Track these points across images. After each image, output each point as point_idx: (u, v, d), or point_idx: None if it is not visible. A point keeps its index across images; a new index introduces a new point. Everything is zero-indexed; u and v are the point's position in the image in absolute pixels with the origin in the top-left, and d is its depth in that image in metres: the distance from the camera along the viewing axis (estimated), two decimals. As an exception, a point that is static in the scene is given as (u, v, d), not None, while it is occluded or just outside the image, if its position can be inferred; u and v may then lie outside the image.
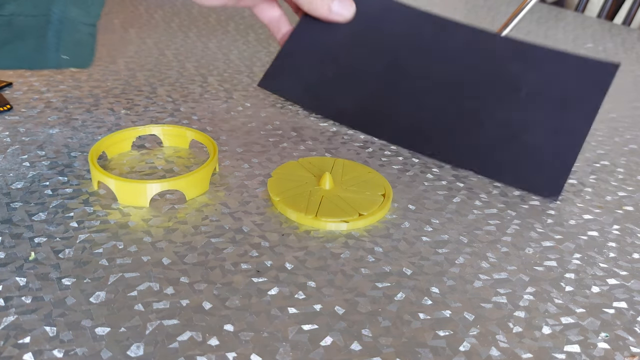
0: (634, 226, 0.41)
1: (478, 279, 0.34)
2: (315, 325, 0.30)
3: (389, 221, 0.39)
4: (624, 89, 0.69)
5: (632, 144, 0.54)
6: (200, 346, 0.28)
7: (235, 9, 0.88)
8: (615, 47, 0.86)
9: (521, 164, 0.43)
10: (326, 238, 0.37)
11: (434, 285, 0.34)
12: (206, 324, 0.30)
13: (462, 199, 0.43)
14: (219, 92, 0.58)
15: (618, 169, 0.49)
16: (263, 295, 0.32)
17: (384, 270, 0.34)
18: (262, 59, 0.68)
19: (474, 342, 0.30)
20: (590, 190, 0.45)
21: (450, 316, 0.31)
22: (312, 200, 0.39)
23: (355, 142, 0.50)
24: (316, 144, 0.49)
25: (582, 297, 0.34)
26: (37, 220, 0.36)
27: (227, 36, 0.75)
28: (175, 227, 0.37)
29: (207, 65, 0.64)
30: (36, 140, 0.46)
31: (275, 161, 0.45)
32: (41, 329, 0.28)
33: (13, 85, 0.55)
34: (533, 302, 0.33)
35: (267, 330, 0.29)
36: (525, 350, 0.30)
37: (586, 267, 0.36)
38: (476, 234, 0.39)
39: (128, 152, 0.45)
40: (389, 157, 0.48)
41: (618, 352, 0.30)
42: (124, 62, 0.63)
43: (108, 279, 0.32)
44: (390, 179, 0.44)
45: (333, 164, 0.44)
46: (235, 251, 0.35)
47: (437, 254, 0.36)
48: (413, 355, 0.29)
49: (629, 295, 0.34)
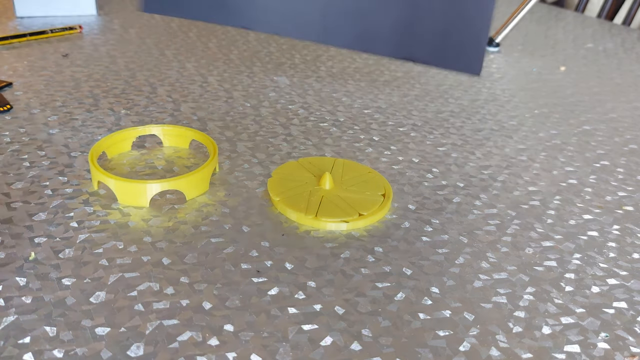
0: (634, 226, 0.41)
1: (478, 279, 0.34)
2: (315, 325, 0.30)
3: (389, 221, 0.39)
4: (624, 89, 0.69)
5: (632, 144, 0.54)
6: (200, 346, 0.28)
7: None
8: (615, 47, 0.86)
9: (437, 44, 0.43)
10: (326, 238, 0.37)
11: (434, 285, 0.34)
12: (206, 324, 0.29)
13: (462, 199, 0.43)
14: (219, 92, 0.58)
15: (618, 169, 0.49)
16: (263, 295, 0.32)
17: (384, 270, 0.34)
18: (262, 59, 0.68)
19: (474, 342, 0.30)
20: (590, 190, 0.45)
21: (450, 316, 0.31)
22: (312, 200, 0.39)
23: (355, 142, 0.50)
24: (316, 143, 0.49)
25: (582, 297, 0.34)
26: (37, 220, 0.36)
27: (227, 36, 0.75)
28: (175, 227, 0.37)
29: (207, 65, 0.64)
30: (36, 140, 0.46)
31: (275, 161, 0.45)
32: (41, 329, 0.28)
33: (13, 85, 0.55)
34: (533, 302, 0.33)
35: (267, 330, 0.29)
36: (525, 350, 0.30)
37: (586, 267, 0.36)
38: (476, 234, 0.39)
39: (128, 152, 0.45)
40: (389, 157, 0.48)
41: (618, 352, 0.30)
42: (124, 62, 0.63)
43: (108, 279, 0.32)
44: (390, 179, 0.44)
45: (333, 164, 0.44)
46: (235, 251, 0.35)
47: (437, 254, 0.36)
48: (413, 355, 0.29)
49: (629, 295, 0.34)
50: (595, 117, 0.61)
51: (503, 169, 0.48)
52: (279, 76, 0.64)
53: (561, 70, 0.75)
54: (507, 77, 0.71)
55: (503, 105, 0.62)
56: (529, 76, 0.72)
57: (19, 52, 0.63)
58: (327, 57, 0.72)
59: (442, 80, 0.68)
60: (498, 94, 0.65)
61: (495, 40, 0.82)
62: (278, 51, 0.72)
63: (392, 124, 0.54)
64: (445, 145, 0.51)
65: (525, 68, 0.75)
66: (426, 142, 0.51)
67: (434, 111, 0.58)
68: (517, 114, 0.60)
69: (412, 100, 0.61)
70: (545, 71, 0.75)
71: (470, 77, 0.70)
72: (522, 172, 0.47)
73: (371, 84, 0.64)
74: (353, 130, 0.52)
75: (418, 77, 0.68)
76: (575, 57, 0.82)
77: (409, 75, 0.68)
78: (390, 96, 0.61)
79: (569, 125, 0.58)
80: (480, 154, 0.50)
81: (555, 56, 0.81)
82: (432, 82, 0.67)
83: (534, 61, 0.79)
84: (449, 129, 0.54)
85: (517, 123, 0.57)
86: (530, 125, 0.57)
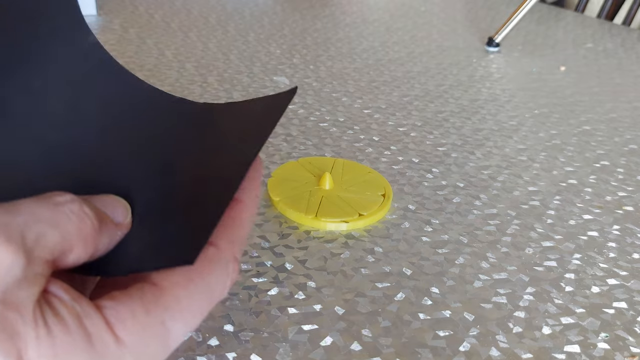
0: (634, 226, 0.41)
1: (478, 279, 0.34)
2: (315, 325, 0.30)
3: (389, 221, 0.39)
4: (624, 89, 0.69)
5: (632, 144, 0.54)
6: (200, 346, 0.28)
7: (235, 9, 0.88)
8: (615, 47, 0.86)
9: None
10: (326, 238, 0.37)
11: (434, 286, 0.34)
12: (206, 324, 0.29)
13: (462, 199, 0.43)
14: (219, 92, 0.58)
15: (618, 169, 0.49)
16: (263, 295, 0.32)
17: (384, 270, 0.34)
18: (261, 59, 0.68)
19: (474, 342, 0.30)
20: (590, 190, 0.45)
21: (450, 316, 0.31)
22: (312, 201, 0.39)
23: (355, 142, 0.50)
24: (316, 143, 0.49)
25: (582, 297, 0.34)
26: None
27: (227, 36, 0.75)
28: (175, 227, 0.37)
29: (207, 65, 0.64)
30: (36, 140, 0.45)
31: (275, 161, 0.45)
32: (41, 329, 0.28)
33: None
34: (533, 302, 0.33)
35: (267, 330, 0.29)
36: (525, 350, 0.30)
37: (586, 267, 0.36)
38: (476, 234, 0.39)
39: (128, 152, 0.45)
40: (389, 157, 0.48)
41: (618, 352, 0.30)
42: (124, 62, 0.63)
43: (108, 279, 0.32)
44: (390, 179, 0.44)
45: (333, 164, 0.44)
46: (235, 251, 0.35)
47: (437, 254, 0.36)
48: (413, 355, 0.29)
49: (629, 295, 0.34)
50: (595, 117, 0.61)
51: (503, 169, 0.48)
52: (279, 76, 0.64)
53: (561, 70, 0.75)
54: (507, 77, 0.71)
55: (503, 105, 0.62)
56: (529, 76, 0.72)
57: (19, 52, 0.63)
58: (327, 57, 0.72)
59: (442, 80, 0.68)
60: (498, 94, 0.65)
61: (495, 40, 0.82)
62: (278, 51, 0.72)
63: (392, 124, 0.54)
64: (445, 145, 0.51)
65: (525, 68, 0.75)
66: (426, 142, 0.51)
67: (433, 111, 0.58)
68: (517, 114, 0.60)
69: (412, 100, 0.61)
70: (545, 71, 0.75)
71: (470, 77, 0.70)
72: (522, 172, 0.47)
73: (371, 84, 0.64)
74: (353, 130, 0.52)
75: (418, 77, 0.68)
76: (575, 57, 0.82)
77: (408, 75, 0.68)
78: (390, 96, 0.61)
79: (569, 125, 0.58)
80: (480, 154, 0.50)
81: (555, 56, 0.81)
82: (432, 82, 0.67)
83: (534, 61, 0.79)
84: (448, 129, 0.54)
85: (517, 123, 0.57)
86: (530, 125, 0.57)
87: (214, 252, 0.19)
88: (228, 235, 0.20)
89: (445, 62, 0.75)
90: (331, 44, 0.77)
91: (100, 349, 0.16)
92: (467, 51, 0.80)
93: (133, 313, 0.17)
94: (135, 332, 0.17)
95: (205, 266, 0.19)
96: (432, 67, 0.72)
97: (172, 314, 0.18)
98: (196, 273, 0.19)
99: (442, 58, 0.76)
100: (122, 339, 0.17)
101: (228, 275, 0.20)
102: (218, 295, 0.19)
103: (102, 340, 0.16)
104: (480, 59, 0.77)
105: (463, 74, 0.71)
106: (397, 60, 0.73)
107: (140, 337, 0.17)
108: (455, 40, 0.85)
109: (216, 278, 0.19)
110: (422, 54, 0.77)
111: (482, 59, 0.77)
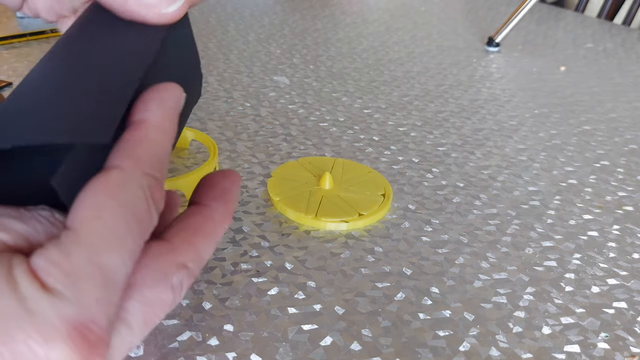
0: (634, 226, 0.41)
1: (478, 279, 0.34)
2: (315, 325, 0.30)
3: (389, 221, 0.39)
4: (624, 89, 0.69)
5: (632, 144, 0.54)
6: (200, 346, 0.28)
7: (235, 9, 0.88)
8: (615, 47, 0.86)
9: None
10: (326, 238, 0.37)
11: (434, 285, 0.34)
12: (206, 324, 0.29)
13: (462, 198, 0.43)
14: (219, 92, 0.58)
15: (618, 169, 0.49)
16: (263, 295, 0.32)
17: (384, 270, 0.34)
18: (261, 59, 0.68)
19: (474, 342, 0.30)
20: (590, 190, 0.45)
21: (450, 316, 0.31)
22: (312, 200, 0.39)
23: (355, 142, 0.50)
24: (316, 143, 0.49)
25: (582, 297, 0.34)
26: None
27: (227, 36, 0.75)
28: (175, 227, 0.37)
29: (207, 65, 0.64)
30: (36, 140, 0.45)
31: (275, 161, 0.45)
32: (41, 329, 0.28)
33: (13, 85, 0.55)
34: (533, 302, 0.33)
35: (267, 330, 0.29)
36: (525, 350, 0.30)
37: (586, 267, 0.36)
38: (476, 234, 0.39)
39: (128, 152, 0.45)
40: (389, 157, 0.48)
41: (618, 352, 0.30)
42: (124, 62, 0.63)
43: (108, 279, 0.32)
44: (390, 179, 0.44)
45: (333, 164, 0.44)
46: (235, 251, 0.35)
47: (437, 254, 0.36)
48: (413, 355, 0.29)
49: (629, 295, 0.34)
50: (595, 117, 0.61)
51: (503, 169, 0.48)
52: (279, 76, 0.64)
53: (561, 70, 0.75)
54: (507, 77, 0.71)
55: (503, 105, 0.62)
56: (529, 76, 0.72)
57: (19, 52, 0.63)
58: (327, 57, 0.72)
59: (442, 80, 0.68)
60: (498, 94, 0.65)
61: (495, 40, 0.82)
62: (278, 51, 0.72)
63: (392, 123, 0.54)
64: (445, 145, 0.51)
65: (525, 68, 0.75)
66: (426, 142, 0.51)
67: (433, 111, 0.58)
68: (517, 114, 0.60)
69: (411, 100, 0.61)
70: (545, 71, 0.75)
71: (470, 77, 0.70)
72: (522, 172, 0.47)
73: (371, 83, 0.64)
74: (353, 130, 0.52)
75: (418, 77, 0.68)
76: (575, 57, 0.82)
77: (408, 75, 0.68)
78: (390, 96, 0.61)
79: (569, 125, 0.58)
80: (480, 154, 0.50)
81: (555, 56, 0.81)
82: (431, 82, 0.67)
83: (534, 61, 0.79)
84: (448, 129, 0.54)
85: (517, 123, 0.57)
86: (530, 125, 0.57)
87: (117, 174, 0.19)
88: (130, 154, 0.19)
89: (445, 62, 0.75)
90: (331, 44, 0.77)
91: (27, 294, 0.16)
92: (467, 51, 0.80)
93: (54, 260, 0.17)
94: (61, 277, 0.17)
95: (111, 190, 0.18)
96: (432, 67, 0.72)
97: (95, 248, 0.17)
98: (105, 198, 0.18)
99: (442, 58, 0.76)
100: (50, 287, 0.16)
101: (145, 193, 0.19)
102: (144, 214, 0.19)
103: (28, 288, 0.16)
104: (480, 59, 0.77)
105: (463, 74, 0.71)
106: (397, 60, 0.73)
107: (70, 281, 0.17)
108: (455, 40, 0.85)
109: (131, 198, 0.18)
110: (422, 54, 0.77)
111: (482, 59, 0.77)
